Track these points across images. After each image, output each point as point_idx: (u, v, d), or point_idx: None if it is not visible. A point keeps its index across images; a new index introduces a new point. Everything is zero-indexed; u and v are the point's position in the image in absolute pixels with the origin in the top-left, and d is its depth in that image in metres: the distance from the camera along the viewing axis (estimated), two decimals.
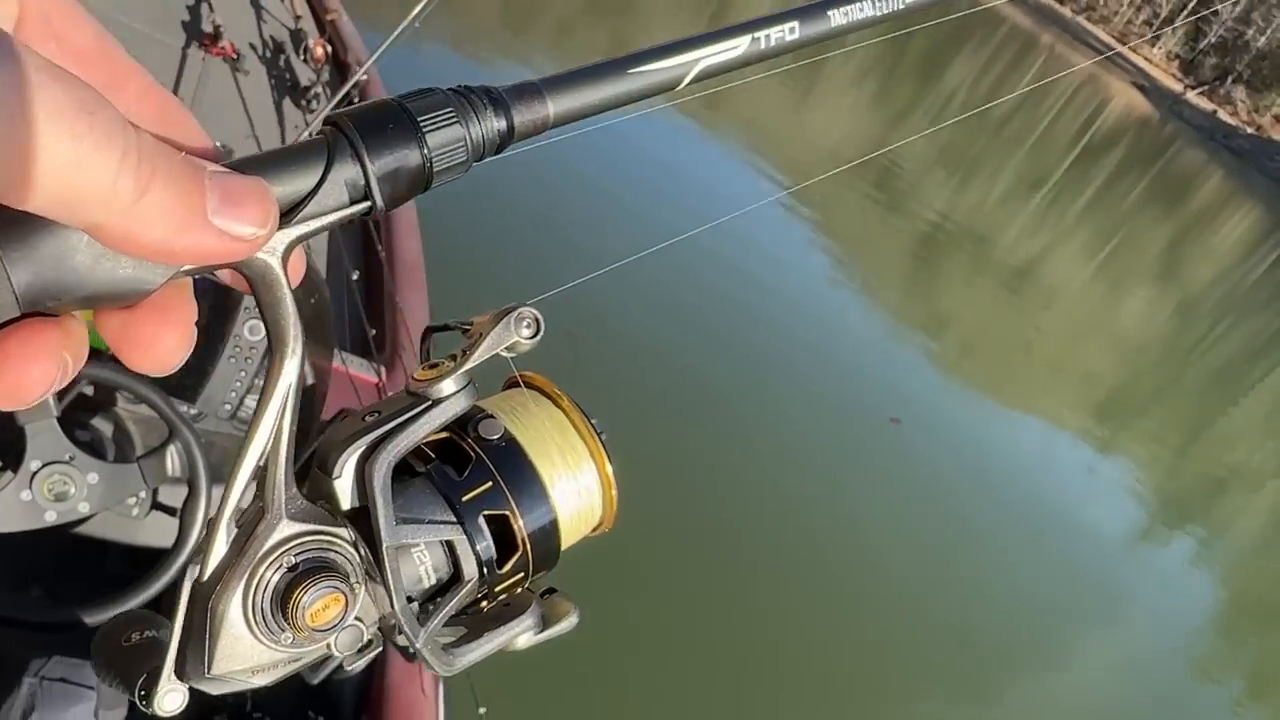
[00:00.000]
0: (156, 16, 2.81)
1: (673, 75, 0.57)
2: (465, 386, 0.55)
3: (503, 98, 0.52)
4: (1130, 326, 14.74)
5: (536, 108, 0.53)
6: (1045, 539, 7.16)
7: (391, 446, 0.53)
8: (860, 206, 12.43)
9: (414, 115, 0.47)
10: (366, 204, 0.46)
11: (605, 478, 0.61)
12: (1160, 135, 47.21)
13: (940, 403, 8.34)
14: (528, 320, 0.54)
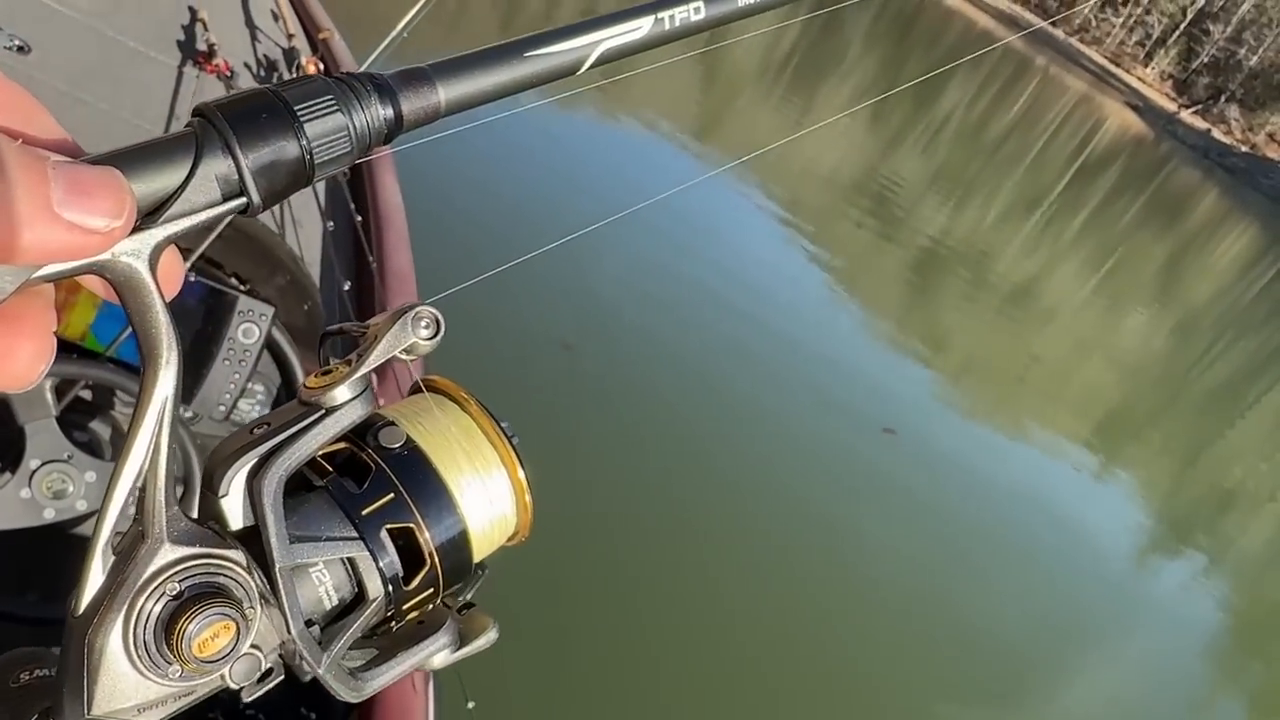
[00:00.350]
0: (151, 35, 2.84)
1: (573, 59, 0.56)
2: (362, 393, 0.52)
3: (389, 85, 0.49)
4: (1129, 345, 14.76)
5: (426, 94, 0.51)
6: (1044, 558, 7.15)
7: (282, 460, 0.49)
8: (858, 228, 12.47)
9: (290, 104, 0.44)
10: (241, 200, 0.43)
11: (518, 484, 0.58)
12: (1155, 154, 47.42)
13: (939, 421, 8.34)
14: (426, 320, 0.51)
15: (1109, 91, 59.35)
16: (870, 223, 12.86)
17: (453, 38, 11.40)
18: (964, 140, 22.37)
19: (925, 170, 16.92)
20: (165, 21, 2.95)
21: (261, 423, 0.52)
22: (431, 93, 0.51)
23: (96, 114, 2.42)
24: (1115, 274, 18.56)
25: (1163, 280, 21.10)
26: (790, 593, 5.33)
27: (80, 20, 2.66)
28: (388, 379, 2.43)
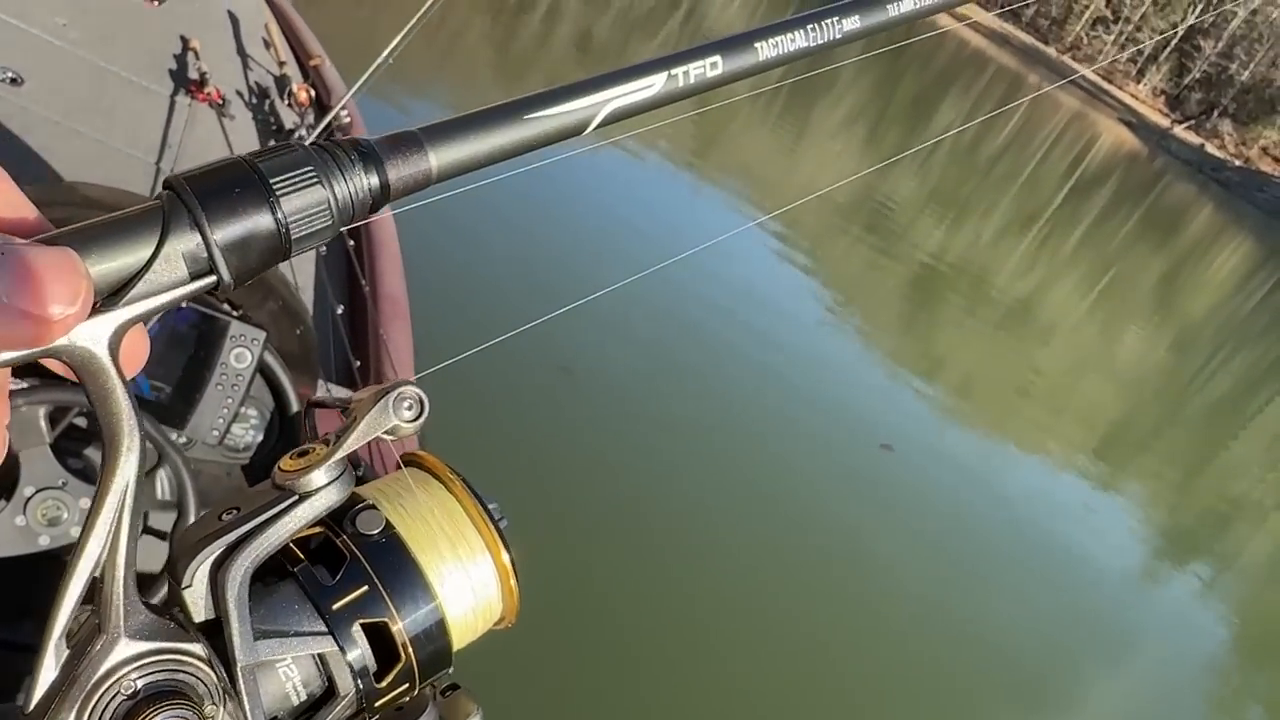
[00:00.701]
0: (143, 65, 2.86)
1: (577, 119, 0.53)
2: (339, 476, 0.49)
3: (375, 151, 0.46)
4: (1127, 361, 14.76)
5: (416, 160, 0.48)
6: (1047, 573, 7.12)
7: (250, 551, 0.47)
8: (853, 248, 12.49)
9: (266, 176, 0.42)
10: (210, 279, 0.41)
11: (503, 569, 0.56)
12: (1150, 170, 47.59)
13: (939, 437, 8.33)
14: (409, 401, 0.48)
15: (1102, 108, 59.64)
16: (867, 242, 12.88)
17: (448, 62, 11.46)
18: (958, 159, 22.45)
19: (920, 190, 16.98)
20: (157, 51, 2.98)
21: (230, 507, 0.49)
22: (422, 159, 0.48)
23: (90, 144, 2.43)
24: (1112, 289, 18.59)
25: (1160, 295, 21.13)
26: (793, 612, 5.31)
27: (73, 52, 2.68)
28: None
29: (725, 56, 0.60)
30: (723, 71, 0.60)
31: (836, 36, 0.67)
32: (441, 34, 12.59)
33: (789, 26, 0.64)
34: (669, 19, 21.33)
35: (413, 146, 0.48)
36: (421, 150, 0.48)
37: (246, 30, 3.44)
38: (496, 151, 0.51)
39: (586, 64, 14.87)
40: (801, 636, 5.19)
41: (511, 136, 0.51)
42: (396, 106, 8.25)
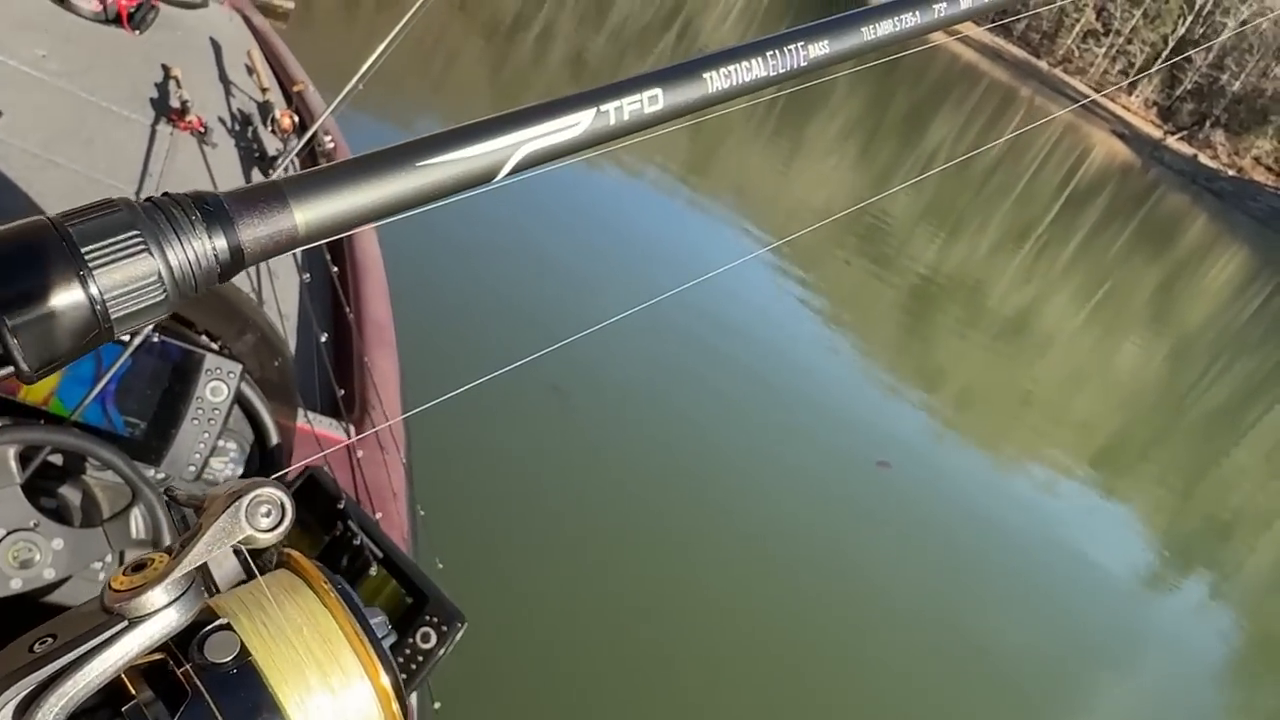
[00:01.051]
0: (124, 94, 2.86)
1: (484, 165, 0.48)
2: (183, 593, 0.42)
3: (224, 208, 0.39)
4: (1125, 372, 14.77)
5: (277, 219, 0.40)
6: (1047, 587, 7.10)
7: (66, 688, 0.39)
8: (848, 262, 12.51)
9: (76, 244, 0.35)
10: (6, 370, 0.35)
11: (382, 694, 0.47)
12: (1143, 181, 47.76)
13: (937, 452, 8.32)
14: (267, 507, 0.41)
15: (1094, 120, 59.89)
16: (861, 258, 12.91)
17: (444, 82, 11.51)
18: (951, 174, 22.52)
19: (914, 204, 17.01)
20: (138, 80, 2.97)
21: (46, 634, 0.41)
22: (284, 216, 0.40)
23: (69, 176, 2.43)
24: (1108, 301, 18.62)
25: (1156, 306, 21.17)
26: (792, 631, 5.29)
27: (51, 82, 2.68)
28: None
29: (667, 89, 0.55)
30: (664, 107, 0.54)
31: (801, 64, 0.62)
32: (437, 55, 12.64)
33: (745, 53, 0.59)
34: (661, 39, 21.43)
35: (273, 202, 0.40)
36: (284, 206, 0.40)
37: (229, 57, 3.43)
38: (381, 207, 0.44)
39: (581, 82, 14.90)
40: (801, 656, 5.17)
41: (400, 188, 0.44)
42: (390, 127, 8.26)
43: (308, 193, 0.41)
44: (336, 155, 3.44)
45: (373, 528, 1.79)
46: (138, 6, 3.13)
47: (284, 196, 0.41)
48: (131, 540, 1.84)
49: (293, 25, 9.64)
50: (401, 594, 1.72)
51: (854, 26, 0.67)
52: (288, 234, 0.41)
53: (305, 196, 0.41)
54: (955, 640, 5.92)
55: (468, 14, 15.22)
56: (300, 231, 0.42)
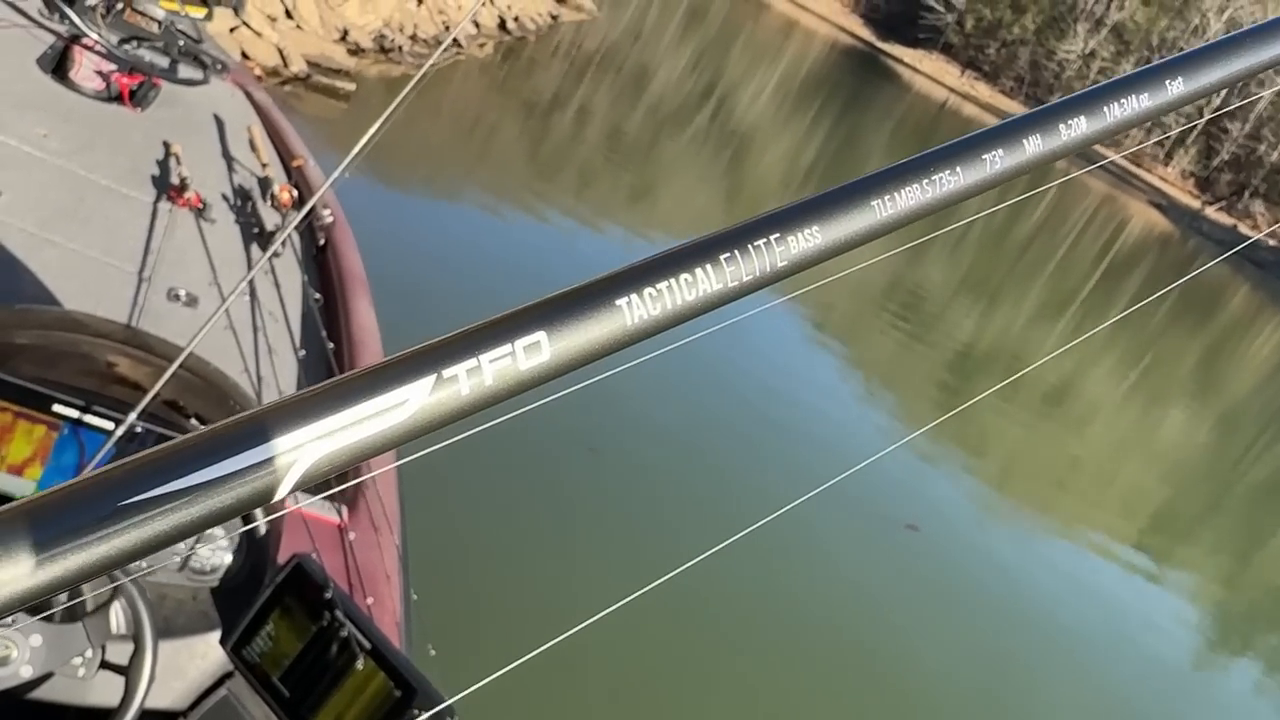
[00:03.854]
0: (124, 171, 2.89)
1: (215, 507, 0.36)
2: None
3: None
4: (1170, 443, 14.53)
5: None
6: (1096, 661, 6.93)
7: None
8: (886, 332, 12.48)
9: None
10: None
11: None
12: (1183, 251, 47.39)
13: (981, 523, 8.20)
14: None
15: (1131, 191, 59.70)
16: (900, 328, 12.88)
17: (483, 159, 11.72)
18: (989, 244, 22.50)
19: (952, 275, 17.00)
20: (138, 157, 3.01)
21: None
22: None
23: (65, 255, 2.45)
24: (1151, 372, 18.39)
25: (1200, 377, 20.88)
26: (811, 694, 5.20)
27: (50, 161, 2.71)
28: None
29: (530, 352, 0.43)
30: (539, 364, 0.43)
31: (763, 273, 0.51)
32: (477, 131, 12.90)
33: (651, 273, 0.47)
34: (697, 115, 21.74)
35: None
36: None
37: (230, 133, 3.46)
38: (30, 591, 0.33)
39: (617, 159, 15.15)
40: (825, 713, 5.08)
41: (63, 568, 0.33)
42: (394, 201, 8.39)
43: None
44: (335, 229, 3.44)
45: (360, 618, 1.76)
46: (140, 84, 3.17)
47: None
48: (112, 635, 1.81)
49: (353, 106, 9.88)
50: (390, 686, 1.69)
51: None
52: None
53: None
54: (1002, 711, 5.78)
55: (505, 93, 15.55)
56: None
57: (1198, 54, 0.68)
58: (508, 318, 0.43)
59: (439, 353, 0.41)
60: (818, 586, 6.13)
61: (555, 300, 0.44)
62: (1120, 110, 0.65)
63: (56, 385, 1.86)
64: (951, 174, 0.58)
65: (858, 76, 49.75)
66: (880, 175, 0.56)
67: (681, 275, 0.47)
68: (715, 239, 0.49)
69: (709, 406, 7.62)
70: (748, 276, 0.49)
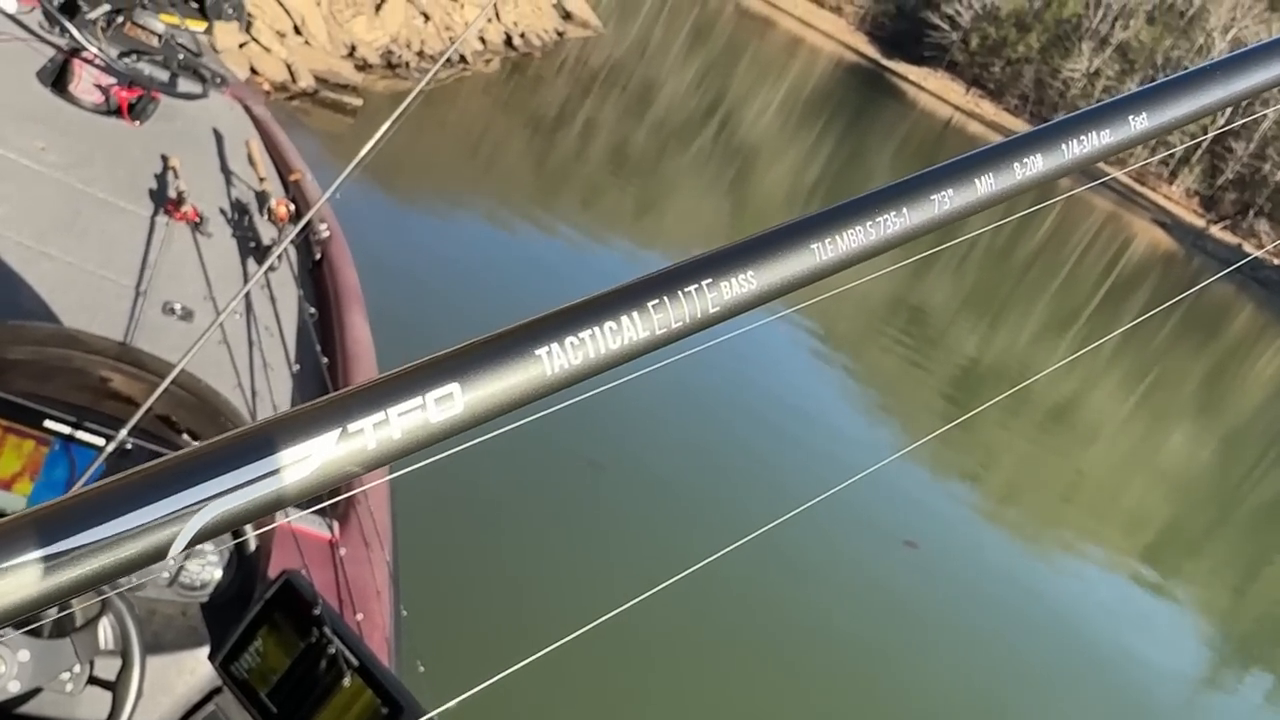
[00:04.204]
0: (121, 185, 2.90)
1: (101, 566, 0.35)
2: None
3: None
4: (1175, 462, 14.49)
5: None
6: (1095, 684, 6.89)
7: None
8: (891, 351, 12.47)
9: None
10: None
11: None
12: (1187, 270, 47.38)
13: (982, 542, 8.17)
14: None
15: (1135, 210, 59.74)
16: (903, 346, 12.87)
17: (488, 174, 11.74)
18: (993, 262, 22.50)
19: (956, 292, 17.00)
20: (136, 171, 3.01)
21: None
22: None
23: (61, 268, 2.45)
24: (1156, 390, 18.36)
25: (1204, 396, 20.84)
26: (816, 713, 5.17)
27: (48, 174, 2.72)
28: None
29: (466, 383, 0.42)
30: (447, 422, 0.41)
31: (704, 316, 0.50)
32: (482, 147, 12.93)
33: (573, 321, 0.46)
34: (702, 131, 21.79)
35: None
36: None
37: (229, 147, 3.46)
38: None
39: (622, 175, 15.18)
40: None
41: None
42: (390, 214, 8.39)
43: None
44: (332, 244, 3.43)
45: (349, 635, 1.76)
46: (139, 98, 3.17)
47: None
48: (100, 650, 1.80)
49: (359, 121, 9.90)
50: (377, 703, 1.69)
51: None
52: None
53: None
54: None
55: (511, 109, 15.59)
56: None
57: (1163, 87, 0.66)
58: (419, 368, 0.41)
59: (345, 405, 0.39)
60: (816, 602, 6.10)
61: (470, 349, 0.43)
62: (1081, 147, 0.64)
63: (50, 401, 1.86)
64: (896, 215, 0.55)
65: (862, 94, 49.89)
66: (822, 216, 0.54)
67: (606, 323, 0.46)
68: (643, 284, 0.48)
69: (703, 420, 7.61)
70: (677, 323, 0.48)
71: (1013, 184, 0.60)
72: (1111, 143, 0.64)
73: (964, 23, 68.91)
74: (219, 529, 0.37)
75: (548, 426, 0.47)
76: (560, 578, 5.02)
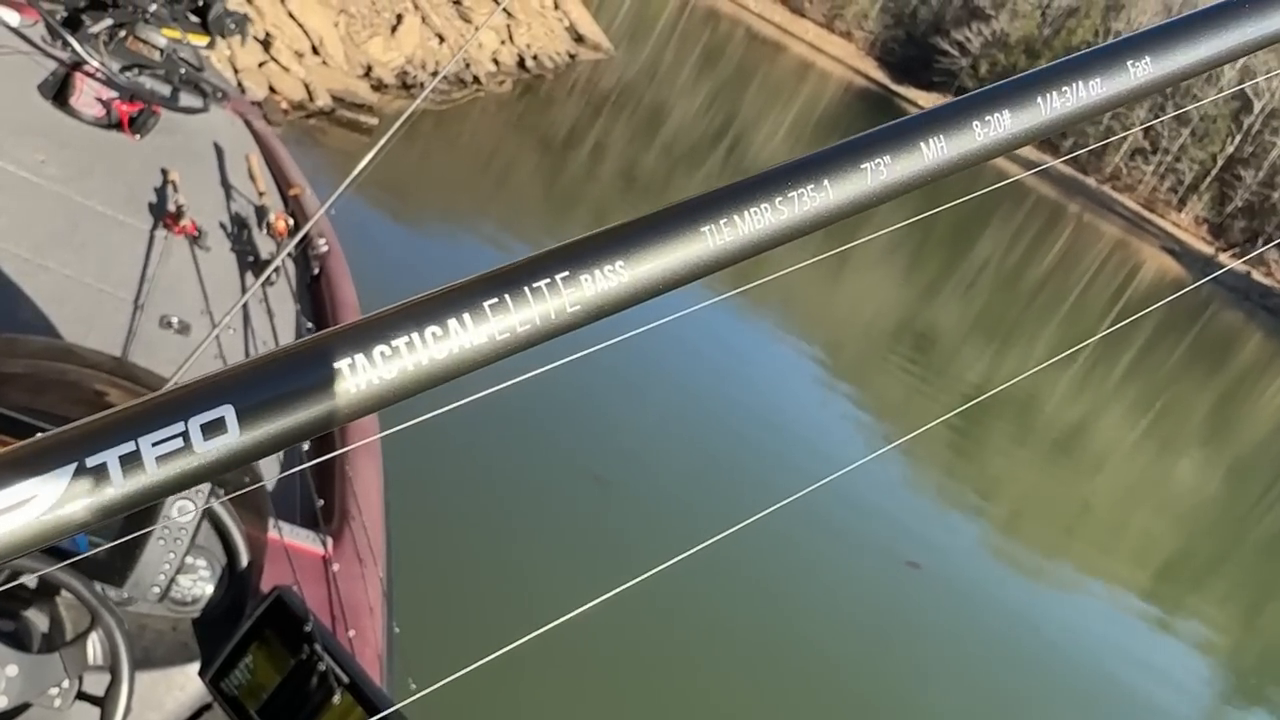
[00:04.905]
0: (120, 199, 2.90)
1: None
2: None
3: None
4: (1183, 490, 14.41)
5: None
6: (1104, 710, 6.82)
7: None
8: (898, 374, 12.44)
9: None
10: None
11: None
12: (1196, 297, 47.30)
13: (985, 565, 8.11)
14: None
15: (1144, 236, 59.73)
16: (911, 369, 12.83)
17: (499, 193, 11.77)
18: (1001, 287, 22.49)
19: (964, 317, 16.97)
20: (135, 184, 3.01)
21: None
22: None
23: (59, 281, 2.44)
24: (1164, 417, 18.28)
25: (1213, 424, 20.75)
26: None
27: (47, 187, 2.72)
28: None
29: (244, 408, 0.36)
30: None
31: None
32: (491, 166, 12.97)
33: (383, 328, 0.40)
34: (711, 154, 21.85)
35: None
36: None
37: (229, 161, 3.46)
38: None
39: (630, 197, 15.20)
40: None
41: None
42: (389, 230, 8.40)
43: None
44: (330, 259, 3.43)
45: (340, 651, 1.75)
46: (139, 111, 3.18)
47: None
48: (89, 665, 1.79)
49: (374, 140, 9.96)
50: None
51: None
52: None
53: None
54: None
55: (521, 129, 15.65)
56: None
57: (1173, 26, 0.54)
58: (187, 389, 0.35)
59: (85, 437, 0.34)
60: (817, 619, 6.06)
61: (251, 368, 0.36)
62: (1064, 101, 0.51)
63: (44, 414, 1.84)
64: (817, 189, 0.46)
65: (871, 118, 49.84)
66: (717, 194, 0.46)
67: (428, 329, 0.39)
68: (481, 281, 0.40)
69: (702, 429, 7.58)
70: (523, 328, 0.40)
71: (972, 149, 0.49)
72: (1105, 96, 0.52)
73: (973, 49, 69.14)
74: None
75: (545, 436, 0.46)
76: (556, 595, 4.98)
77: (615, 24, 26.80)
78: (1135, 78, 0.53)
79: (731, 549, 6.31)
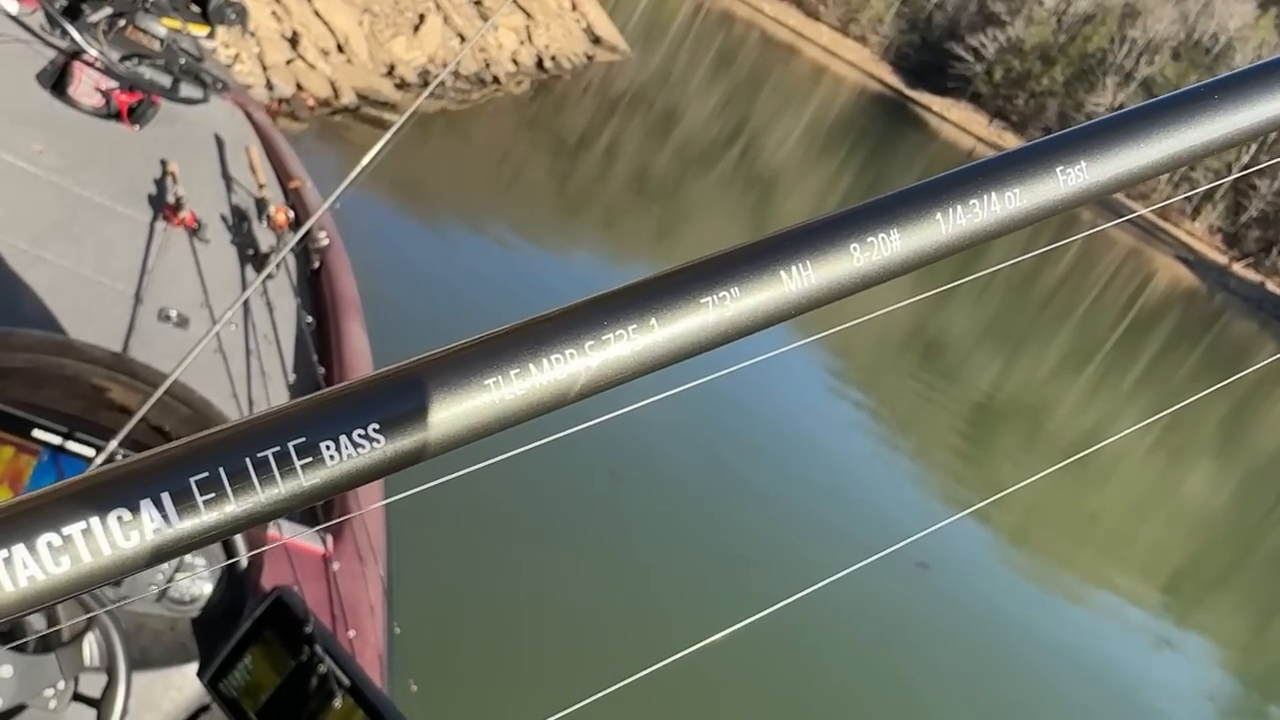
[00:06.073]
0: (119, 190, 2.87)
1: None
2: None
3: None
4: (1194, 500, 14.33)
5: None
6: None
7: None
8: (909, 381, 12.39)
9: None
10: None
11: None
12: (1209, 307, 47.12)
13: (994, 579, 8.07)
14: None
15: (1158, 245, 59.52)
16: (921, 376, 12.79)
17: (509, 192, 11.76)
18: (1013, 294, 22.39)
19: (976, 324, 16.90)
20: (134, 175, 2.99)
21: None
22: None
23: (57, 272, 2.43)
24: (1175, 427, 18.18)
25: (1225, 433, 20.63)
26: None
27: (45, 178, 2.70)
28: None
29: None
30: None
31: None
32: (505, 164, 12.97)
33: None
34: (725, 156, 21.83)
35: None
36: None
37: (229, 153, 3.44)
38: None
39: (642, 198, 15.18)
40: None
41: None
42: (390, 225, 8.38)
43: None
44: (331, 253, 3.41)
45: (340, 653, 1.73)
46: (139, 101, 3.15)
47: None
48: (85, 666, 1.77)
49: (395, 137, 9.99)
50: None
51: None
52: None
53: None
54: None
55: (536, 128, 15.65)
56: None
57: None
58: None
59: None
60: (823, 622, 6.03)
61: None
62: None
63: (42, 409, 1.82)
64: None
65: (885, 123, 49.93)
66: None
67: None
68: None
69: (708, 460, 7.55)
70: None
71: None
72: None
73: (988, 55, 68.97)
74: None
75: (545, 444, 0.44)
76: (556, 596, 4.96)
77: (630, 26, 26.80)
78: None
79: (740, 553, 6.28)
